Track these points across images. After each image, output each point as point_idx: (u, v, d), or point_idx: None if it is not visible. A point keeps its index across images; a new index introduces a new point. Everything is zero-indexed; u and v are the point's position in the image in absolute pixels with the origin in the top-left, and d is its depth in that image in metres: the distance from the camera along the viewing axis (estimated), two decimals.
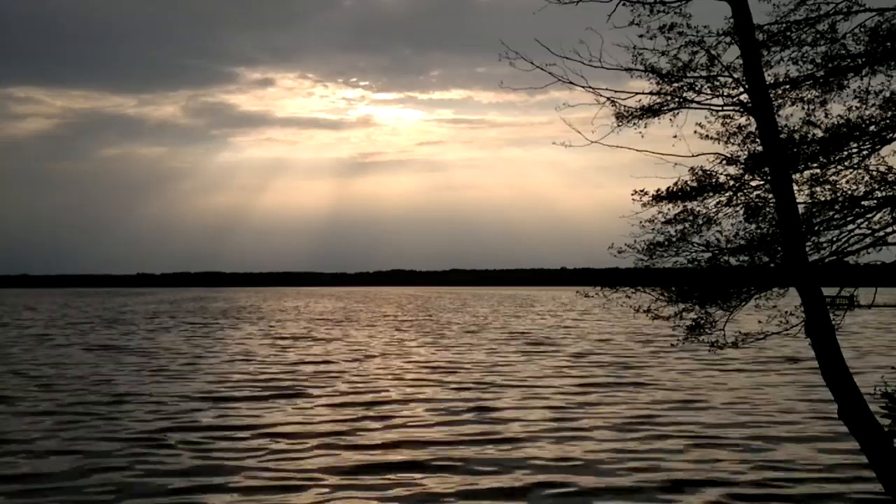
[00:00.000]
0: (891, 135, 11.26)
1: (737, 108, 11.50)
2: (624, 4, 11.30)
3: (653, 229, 11.82)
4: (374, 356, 42.69)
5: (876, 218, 11.36)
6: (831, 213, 11.57)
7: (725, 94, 11.53)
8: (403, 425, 23.12)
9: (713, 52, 11.41)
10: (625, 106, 11.70)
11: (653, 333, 55.56)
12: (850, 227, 11.50)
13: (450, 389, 30.15)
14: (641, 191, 11.71)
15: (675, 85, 11.57)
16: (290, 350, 46.88)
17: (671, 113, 11.63)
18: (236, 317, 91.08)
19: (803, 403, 26.52)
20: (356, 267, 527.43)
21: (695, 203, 11.72)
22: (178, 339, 55.49)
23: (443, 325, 71.07)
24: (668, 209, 11.74)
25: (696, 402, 27.06)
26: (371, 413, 25.14)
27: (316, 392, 29.58)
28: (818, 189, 11.61)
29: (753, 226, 11.73)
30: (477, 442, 20.78)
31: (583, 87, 11.46)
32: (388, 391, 29.87)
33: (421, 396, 28.48)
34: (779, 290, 11.79)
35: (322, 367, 37.57)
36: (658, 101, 11.64)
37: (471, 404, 26.67)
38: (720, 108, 11.63)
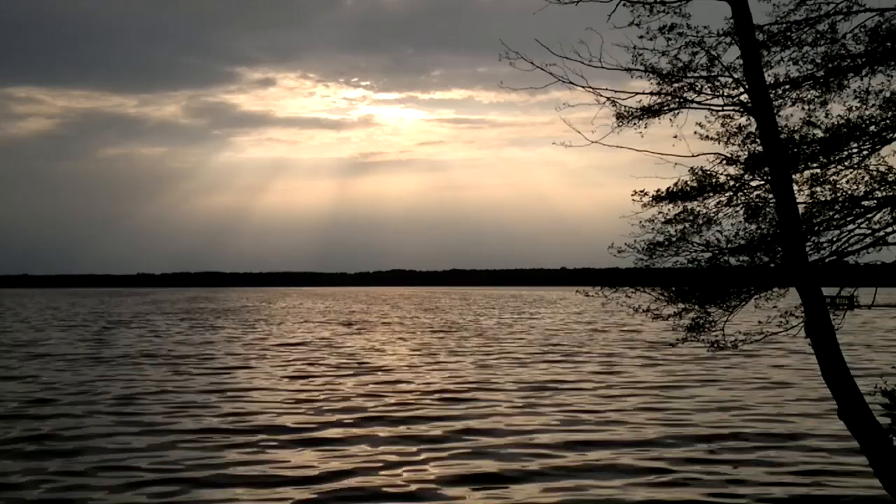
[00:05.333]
0: (891, 135, 11.26)
1: (737, 108, 11.50)
2: (624, 4, 11.31)
3: (653, 229, 11.83)
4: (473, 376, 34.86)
5: (876, 218, 11.37)
6: (831, 213, 11.57)
7: (725, 94, 11.53)
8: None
9: (713, 52, 11.42)
10: (625, 106, 11.71)
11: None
12: (850, 227, 11.50)
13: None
14: (641, 191, 11.72)
15: (676, 85, 11.57)
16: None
17: (671, 113, 11.64)
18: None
19: None
20: (356, 267, 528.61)
21: (695, 203, 11.72)
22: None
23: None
24: (669, 209, 11.75)
25: None
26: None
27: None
28: (818, 189, 11.61)
29: (753, 226, 11.74)
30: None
31: (583, 87, 11.48)
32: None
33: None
34: (779, 290, 11.79)
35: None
36: (658, 101, 11.64)
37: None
38: (720, 109, 11.63)
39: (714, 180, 11.66)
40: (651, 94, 11.64)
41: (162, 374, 35.11)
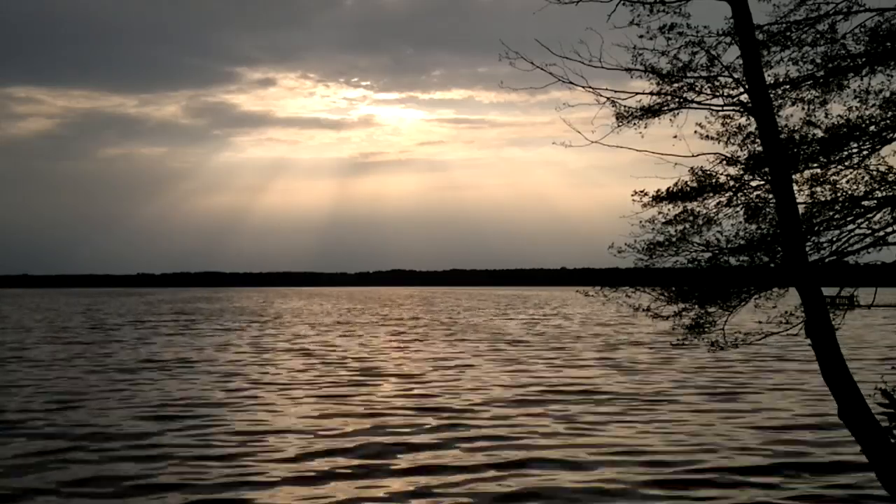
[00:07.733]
0: (891, 135, 11.25)
1: (737, 108, 11.48)
2: (624, 4, 11.30)
3: (653, 229, 11.82)
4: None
5: (876, 218, 11.36)
6: (831, 213, 11.56)
7: (725, 94, 11.51)
8: None
9: (713, 52, 11.40)
10: (625, 106, 11.69)
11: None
12: (850, 227, 11.49)
13: None
14: (641, 191, 11.71)
15: (676, 85, 11.55)
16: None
17: (671, 113, 11.62)
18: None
19: None
20: (356, 267, 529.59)
21: (695, 203, 11.71)
22: None
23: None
24: (669, 209, 11.74)
25: None
26: None
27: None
28: (818, 189, 11.60)
29: (753, 226, 11.73)
30: None
31: (583, 87, 11.46)
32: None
33: None
34: (779, 290, 11.78)
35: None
36: (658, 101, 11.63)
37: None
38: (720, 109, 11.62)
39: (714, 180, 11.65)
40: (651, 94, 11.63)
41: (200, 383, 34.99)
